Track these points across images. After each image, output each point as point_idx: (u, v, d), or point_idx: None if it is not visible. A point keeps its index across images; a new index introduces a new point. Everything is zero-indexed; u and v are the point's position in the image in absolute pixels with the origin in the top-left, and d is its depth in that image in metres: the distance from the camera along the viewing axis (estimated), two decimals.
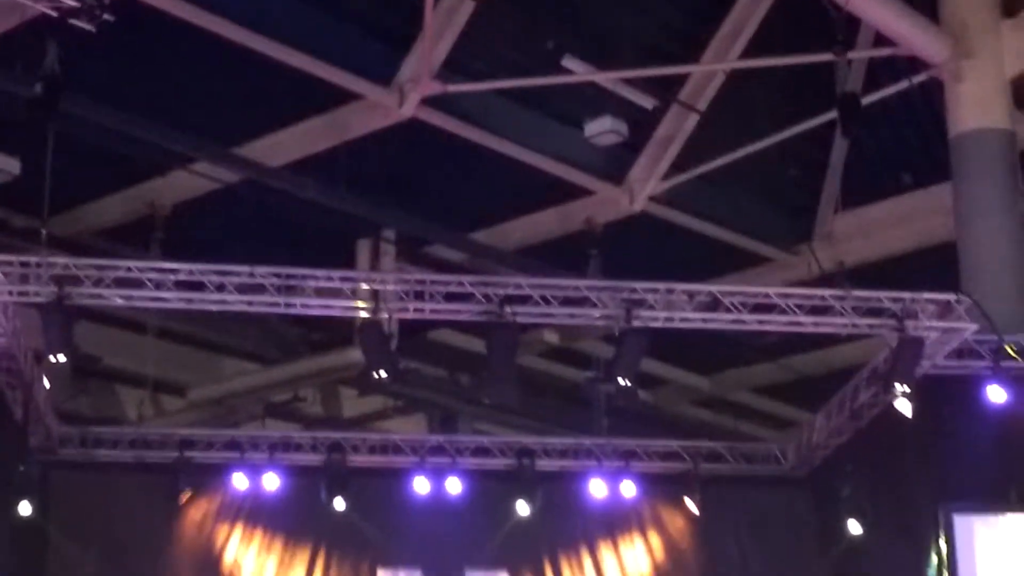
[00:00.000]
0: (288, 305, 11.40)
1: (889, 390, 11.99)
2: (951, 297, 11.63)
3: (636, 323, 11.44)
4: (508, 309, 11.31)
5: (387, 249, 13.35)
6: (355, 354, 12.47)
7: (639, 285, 11.50)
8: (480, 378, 12.53)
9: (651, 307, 11.51)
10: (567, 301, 11.54)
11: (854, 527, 13.55)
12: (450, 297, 11.45)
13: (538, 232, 14.08)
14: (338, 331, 13.34)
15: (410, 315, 11.76)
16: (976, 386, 12.29)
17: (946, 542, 12.22)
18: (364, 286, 11.52)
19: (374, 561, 14.75)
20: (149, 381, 15.21)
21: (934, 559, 12.35)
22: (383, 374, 11.46)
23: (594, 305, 11.54)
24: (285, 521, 14.72)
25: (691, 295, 11.62)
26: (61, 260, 11.14)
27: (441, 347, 15.23)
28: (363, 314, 11.50)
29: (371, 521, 14.51)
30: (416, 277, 11.70)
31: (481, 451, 14.88)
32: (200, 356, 14.93)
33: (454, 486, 14.44)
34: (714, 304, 11.66)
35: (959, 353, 12.36)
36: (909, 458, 12.99)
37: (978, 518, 12.39)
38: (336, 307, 11.48)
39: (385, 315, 11.46)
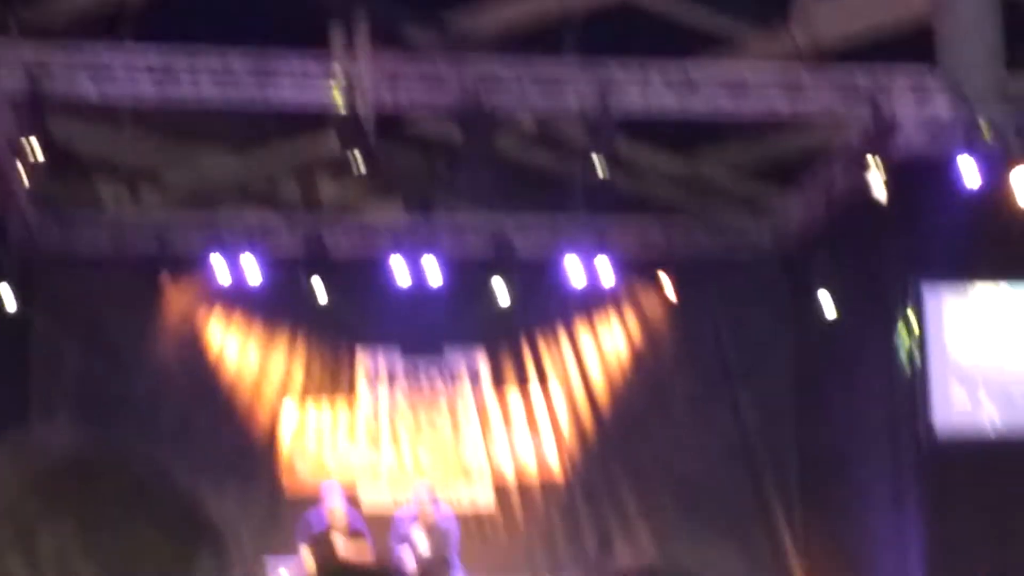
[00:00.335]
0: (262, 89, 11.34)
1: (863, 169, 12.07)
2: (925, 74, 11.62)
3: (612, 104, 11.43)
4: (484, 95, 11.27)
5: (361, 32, 13.15)
6: (331, 140, 12.43)
7: (614, 67, 11.45)
8: (457, 163, 12.53)
9: (627, 88, 11.49)
10: (543, 85, 11.51)
11: (827, 305, 13.78)
12: (425, 81, 11.39)
13: (514, 15, 13.88)
14: (314, 117, 13.25)
15: (385, 100, 11.71)
16: (950, 163, 12.36)
17: (915, 312, 12.46)
18: (339, 71, 11.44)
19: (353, 340, 15.04)
20: (125, 170, 15.17)
21: (904, 331, 12.61)
22: (359, 160, 11.48)
23: (570, 87, 11.51)
24: (265, 306, 14.96)
25: (665, 76, 11.59)
26: (32, 49, 11.02)
27: (418, 132, 15.17)
28: (338, 100, 11.44)
29: (350, 305, 14.73)
30: (392, 64, 11.62)
31: (459, 235, 15.00)
32: (176, 144, 14.85)
33: (432, 269, 14.60)
34: (690, 84, 11.64)
35: (933, 130, 12.41)
36: (882, 235, 13.15)
37: (948, 289, 12.62)
38: (311, 93, 11.43)
39: (360, 100, 11.41)
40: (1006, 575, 12.07)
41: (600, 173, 11.65)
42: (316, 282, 14.29)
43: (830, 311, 13.74)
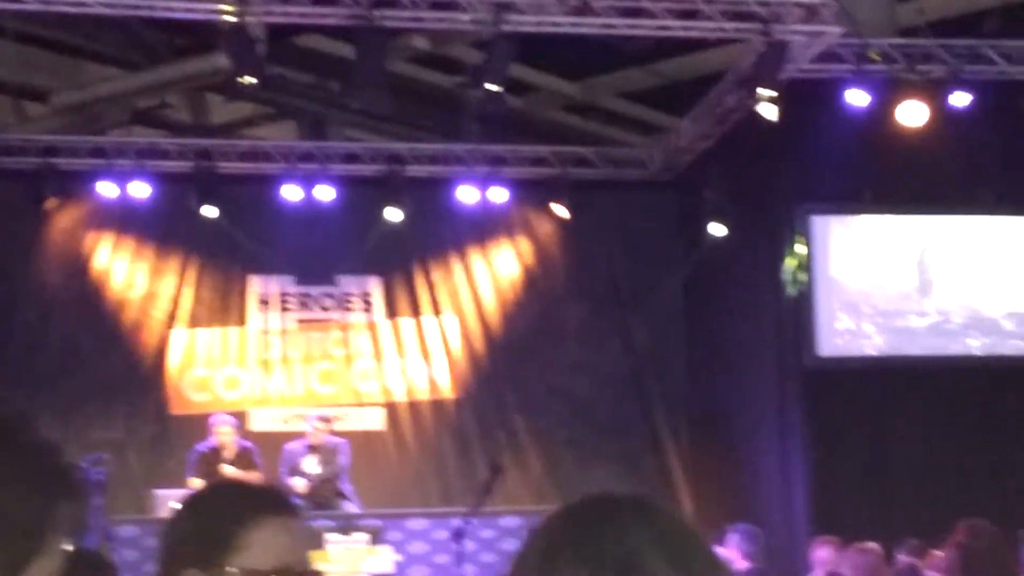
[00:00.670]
0: (148, 7, 11.11)
1: (754, 94, 12.14)
2: (817, 1, 11.70)
3: (505, 27, 11.36)
4: (377, 12, 11.15)
5: None
6: (221, 59, 12.22)
7: None
8: (349, 84, 12.39)
9: (521, 11, 11.42)
10: (437, 5, 11.40)
11: (717, 228, 13.93)
12: (318, 0, 11.24)
13: None
14: (203, 35, 13.02)
15: (276, 18, 11.55)
16: (839, 90, 12.50)
17: (803, 240, 12.64)
18: None
19: (245, 267, 14.90)
20: (9, 87, 14.80)
21: (792, 257, 12.80)
22: (250, 80, 11.32)
23: (464, 9, 11.42)
24: (155, 228, 14.75)
25: None
26: None
27: (309, 52, 14.94)
28: (228, 17, 11.24)
29: (242, 228, 14.57)
30: None
31: (351, 157, 14.90)
32: (62, 61, 14.50)
33: (325, 193, 14.48)
34: (583, 8, 11.60)
35: (823, 57, 12.53)
36: (771, 161, 13.31)
37: (834, 218, 12.82)
38: (200, 9, 11.21)
39: (251, 18, 11.22)
40: (883, 497, 12.38)
41: (494, 95, 11.60)
42: (207, 206, 14.10)
43: (720, 235, 13.89)
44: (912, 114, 12.45)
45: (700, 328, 15.00)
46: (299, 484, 12.63)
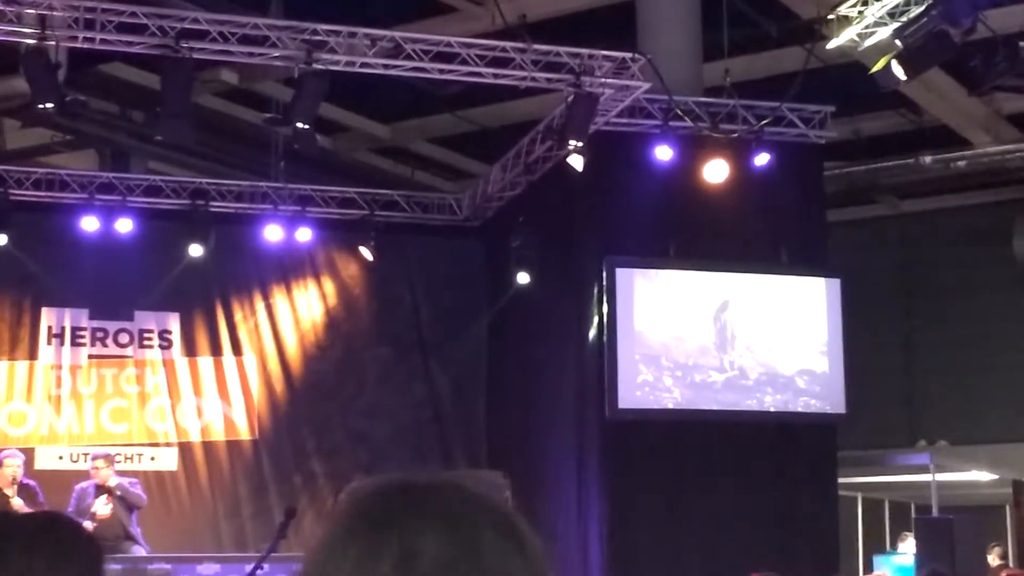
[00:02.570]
0: None
1: (563, 144, 12.26)
2: (627, 55, 11.87)
3: (317, 66, 11.25)
4: (184, 44, 10.93)
5: None
6: (19, 83, 11.82)
7: (321, 27, 11.28)
8: (154, 115, 12.11)
9: (332, 50, 11.33)
10: (246, 39, 11.23)
11: (522, 277, 13.97)
12: (123, 28, 10.97)
13: None
14: (1, 58, 12.59)
15: (80, 44, 11.23)
16: (645, 144, 12.69)
17: (607, 293, 12.74)
18: (29, 11, 10.89)
19: (38, 299, 14.40)
20: None
21: (595, 309, 12.88)
22: (49, 106, 10.96)
23: (274, 45, 11.27)
24: None
25: (373, 40, 11.48)
26: None
27: (113, 81, 14.59)
28: (28, 40, 10.89)
29: (35, 258, 14.11)
30: (87, 4, 11.11)
31: (153, 190, 14.55)
32: None
33: (124, 225, 14.10)
34: (396, 50, 11.57)
35: (631, 111, 12.72)
36: (578, 212, 13.41)
37: (638, 271, 12.95)
38: None
39: (52, 43, 10.88)
40: (678, 546, 12.49)
41: (303, 134, 11.46)
42: None
43: (526, 283, 13.93)
44: (715, 171, 12.69)
45: (503, 376, 14.99)
46: (87, 526, 12.18)
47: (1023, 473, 18.16)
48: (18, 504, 12.01)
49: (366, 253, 14.89)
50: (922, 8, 10.69)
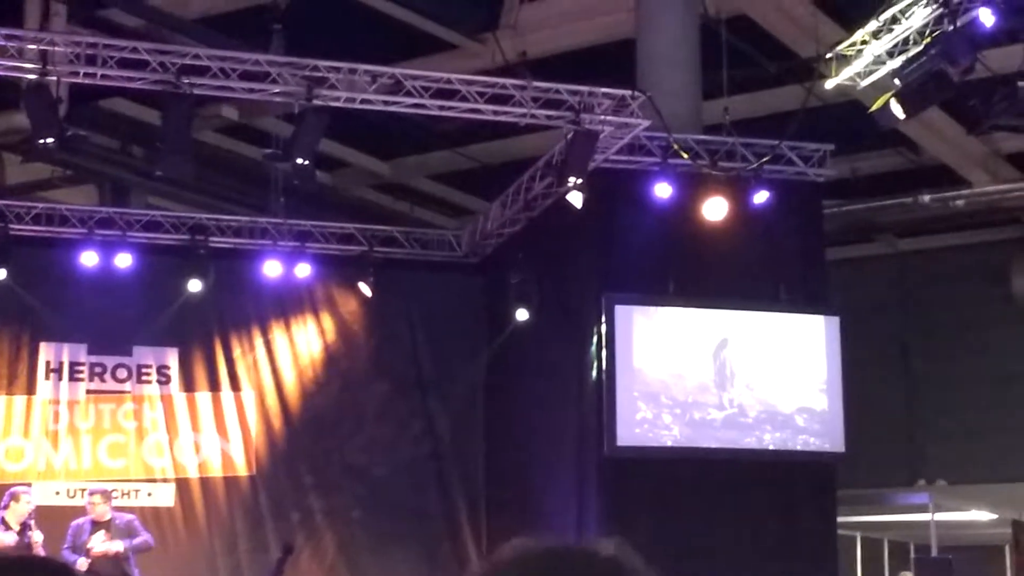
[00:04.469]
0: None
1: (562, 181, 12.27)
2: (627, 93, 11.90)
3: (317, 102, 11.28)
4: (185, 80, 10.96)
5: (58, 9, 12.64)
6: (20, 118, 11.85)
7: (321, 63, 11.31)
8: (154, 150, 12.12)
9: (333, 86, 11.36)
10: (247, 75, 11.26)
11: (521, 313, 13.95)
12: (124, 63, 11.00)
13: (220, 2, 13.60)
14: (3, 92, 12.63)
15: (80, 80, 11.26)
16: (644, 181, 12.70)
17: (606, 330, 12.72)
18: (31, 46, 10.93)
19: (37, 334, 14.38)
20: None
21: (594, 346, 12.87)
22: (49, 141, 10.98)
23: (274, 81, 11.30)
24: None
25: (374, 76, 11.51)
26: None
27: (113, 116, 14.63)
28: (30, 76, 10.92)
29: (34, 293, 14.10)
30: (88, 40, 11.16)
31: (153, 225, 14.56)
32: None
33: (124, 260, 14.10)
34: (396, 87, 11.60)
35: (630, 148, 12.74)
36: (577, 248, 13.42)
37: (637, 308, 12.94)
38: (0, 67, 10.87)
39: (53, 78, 10.91)
40: None
41: (302, 169, 11.47)
42: None
43: (525, 320, 13.92)
44: (714, 209, 12.71)
45: (502, 412, 14.96)
46: (81, 563, 12.12)
47: (1023, 513, 18.09)
48: (39, 539, 12.00)
49: (365, 289, 14.88)
50: (921, 47, 10.72)
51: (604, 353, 12.73)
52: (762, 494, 12.94)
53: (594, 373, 12.88)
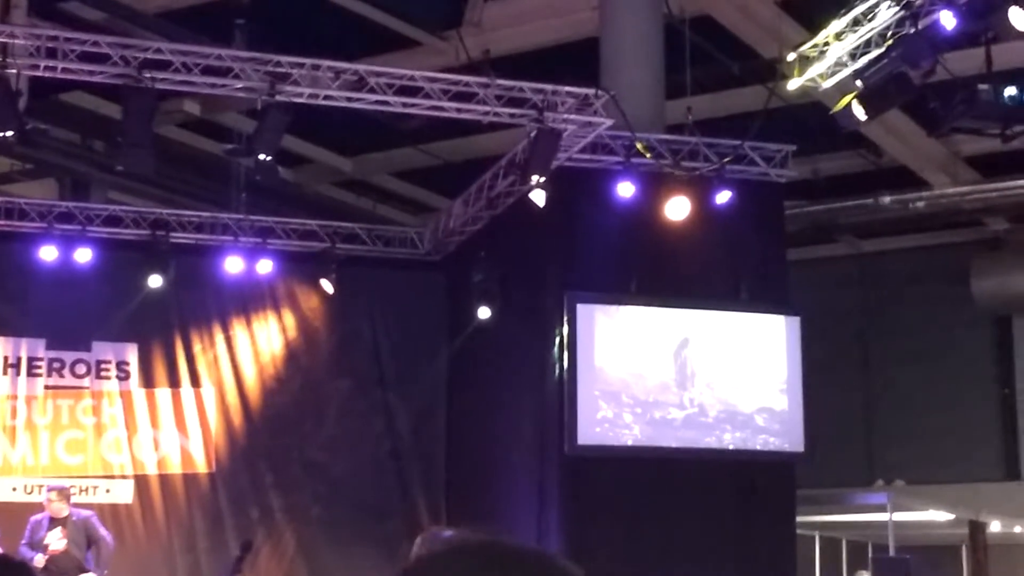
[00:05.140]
0: None
1: (525, 180, 12.28)
2: (590, 92, 11.91)
3: (280, 98, 11.24)
4: (147, 74, 10.89)
5: (18, 1, 12.54)
6: None
7: (285, 59, 11.27)
8: (115, 144, 12.04)
9: (296, 82, 11.32)
10: (209, 70, 11.21)
11: (483, 312, 13.94)
12: (85, 57, 10.93)
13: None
14: None
15: (41, 73, 11.18)
16: (607, 181, 12.72)
17: (568, 329, 12.73)
18: None
19: None
20: None
21: (556, 344, 12.87)
22: (9, 134, 10.90)
23: (237, 76, 11.25)
24: None
25: (337, 73, 11.48)
26: None
27: (74, 110, 14.53)
28: None
29: None
30: (49, 33, 11.09)
31: (113, 220, 14.47)
32: None
33: (83, 255, 14.01)
34: (359, 83, 11.57)
35: (593, 147, 12.76)
36: (540, 247, 13.42)
37: (599, 307, 12.96)
38: None
39: (13, 71, 10.83)
40: None
41: (265, 165, 11.43)
42: None
43: (487, 318, 13.91)
44: (677, 208, 12.74)
45: (463, 411, 14.95)
46: (38, 559, 12.04)
47: (980, 513, 18.23)
48: None
49: (327, 286, 14.84)
50: (882, 49, 10.78)
51: (566, 352, 12.74)
52: (722, 493, 12.99)
53: (556, 372, 12.88)
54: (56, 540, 12.21)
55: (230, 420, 14.81)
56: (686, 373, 13.07)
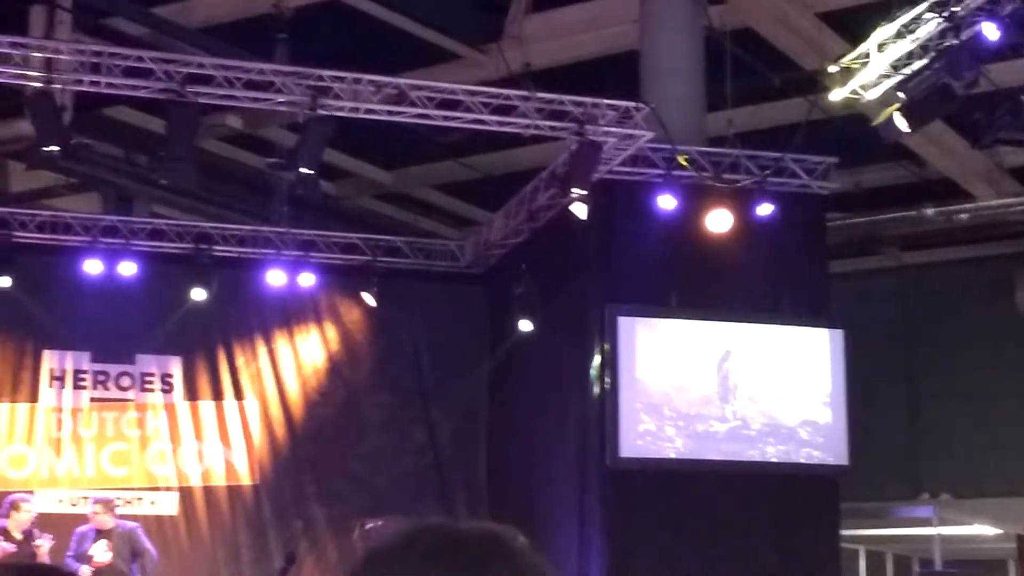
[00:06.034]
0: None
1: (566, 192, 12.27)
2: (630, 105, 11.90)
3: (321, 111, 11.30)
4: (190, 88, 10.98)
5: (63, 18, 12.65)
6: (25, 126, 11.87)
7: (326, 73, 11.33)
8: (158, 159, 12.13)
9: (337, 96, 11.38)
10: (251, 84, 11.28)
11: (524, 324, 13.94)
12: (129, 72, 11.02)
13: (224, 11, 13.62)
14: (7, 100, 12.64)
15: (85, 88, 11.29)
16: (648, 193, 12.70)
17: (609, 342, 12.71)
18: (36, 54, 10.95)
19: (40, 341, 14.39)
20: None
21: (597, 357, 12.86)
22: (54, 149, 11.01)
23: (279, 90, 11.32)
24: None
25: (378, 86, 11.53)
26: None
27: (118, 124, 14.66)
28: (34, 84, 10.94)
29: (38, 301, 14.11)
30: (93, 48, 11.19)
31: (157, 234, 14.58)
32: None
33: (128, 268, 14.12)
34: (400, 97, 11.61)
35: (634, 160, 12.75)
36: (580, 260, 13.41)
37: (640, 320, 12.93)
38: (5, 74, 10.89)
39: (58, 86, 10.94)
40: None
41: (306, 179, 11.48)
42: (1, 276, 13.61)
43: (528, 331, 13.91)
44: (718, 221, 12.70)
45: (504, 423, 14.95)
46: (84, 571, 12.12)
47: None
48: (45, 548, 11.97)
49: (368, 299, 14.88)
50: (925, 61, 10.72)
51: (607, 364, 12.72)
52: (765, 507, 12.92)
53: (597, 384, 12.86)
54: (101, 552, 12.28)
55: (273, 432, 14.87)
56: (728, 386, 13.02)
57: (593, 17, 13.75)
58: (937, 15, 10.57)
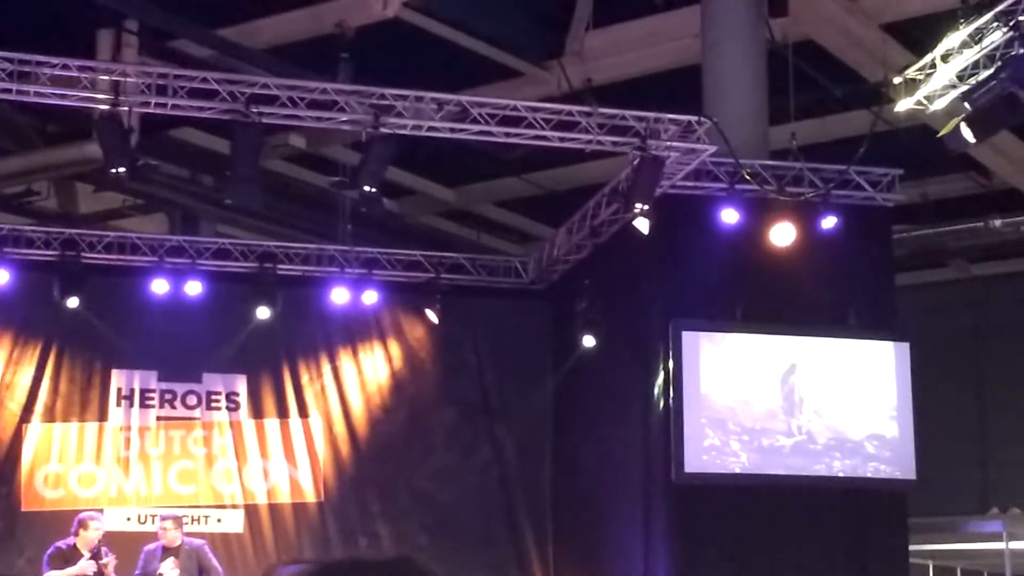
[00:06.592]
0: (20, 92, 10.88)
1: (628, 208, 12.24)
2: (693, 119, 11.87)
3: (384, 130, 11.34)
4: (254, 109, 11.07)
5: (129, 41, 12.82)
6: (92, 148, 12.02)
7: (388, 91, 11.38)
8: (223, 179, 12.24)
9: (400, 114, 11.42)
10: (315, 104, 11.35)
11: (588, 340, 13.92)
12: (194, 93, 11.13)
13: (288, 32, 13.74)
14: (75, 123, 12.81)
15: (151, 110, 11.40)
16: (711, 207, 12.66)
17: (673, 357, 12.67)
18: (103, 77, 11.09)
19: (108, 361, 14.53)
20: None
21: (661, 372, 12.82)
22: (121, 170, 11.13)
23: (342, 109, 11.38)
24: (14, 316, 14.33)
25: (440, 104, 11.57)
26: None
27: (183, 145, 14.82)
28: (102, 106, 11.08)
29: (106, 320, 14.25)
30: (159, 71, 11.31)
31: (222, 253, 14.69)
32: None
33: (193, 288, 14.25)
34: (463, 114, 11.64)
35: (697, 174, 12.70)
36: (644, 275, 13.38)
37: (704, 335, 12.88)
38: (73, 97, 11.03)
39: (125, 108, 11.06)
40: None
41: (369, 197, 11.53)
42: (71, 297, 13.78)
43: (591, 347, 13.89)
44: (782, 234, 12.63)
45: (569, 439, 14.92)
46: None
47: None
48: (112, 564, 12.05)
49: (432, 316, 14.91)
50: (991, 71, 10.61)
51: (671, 379, 12.67)
52: (832, 522, 12.81)
53: (661, 399, 12.82)
54: (169, 570, 12.36)
55: (338, 450, 14.93)
56: (794, 400, 12.93)
57: (654, 32, 13.75)
58: (1003, 24, 10.47)
